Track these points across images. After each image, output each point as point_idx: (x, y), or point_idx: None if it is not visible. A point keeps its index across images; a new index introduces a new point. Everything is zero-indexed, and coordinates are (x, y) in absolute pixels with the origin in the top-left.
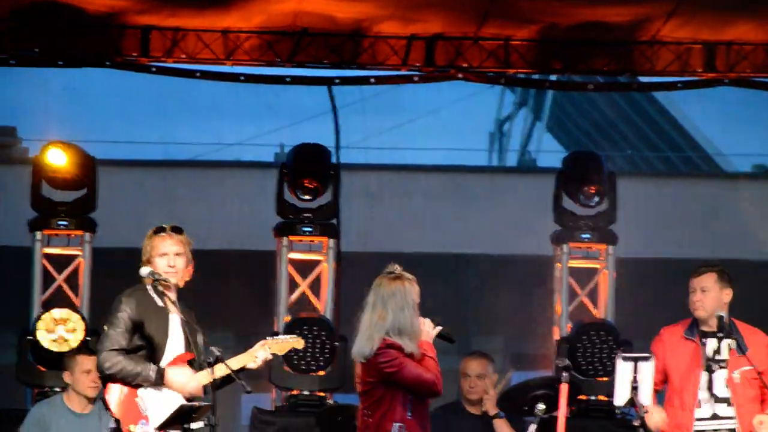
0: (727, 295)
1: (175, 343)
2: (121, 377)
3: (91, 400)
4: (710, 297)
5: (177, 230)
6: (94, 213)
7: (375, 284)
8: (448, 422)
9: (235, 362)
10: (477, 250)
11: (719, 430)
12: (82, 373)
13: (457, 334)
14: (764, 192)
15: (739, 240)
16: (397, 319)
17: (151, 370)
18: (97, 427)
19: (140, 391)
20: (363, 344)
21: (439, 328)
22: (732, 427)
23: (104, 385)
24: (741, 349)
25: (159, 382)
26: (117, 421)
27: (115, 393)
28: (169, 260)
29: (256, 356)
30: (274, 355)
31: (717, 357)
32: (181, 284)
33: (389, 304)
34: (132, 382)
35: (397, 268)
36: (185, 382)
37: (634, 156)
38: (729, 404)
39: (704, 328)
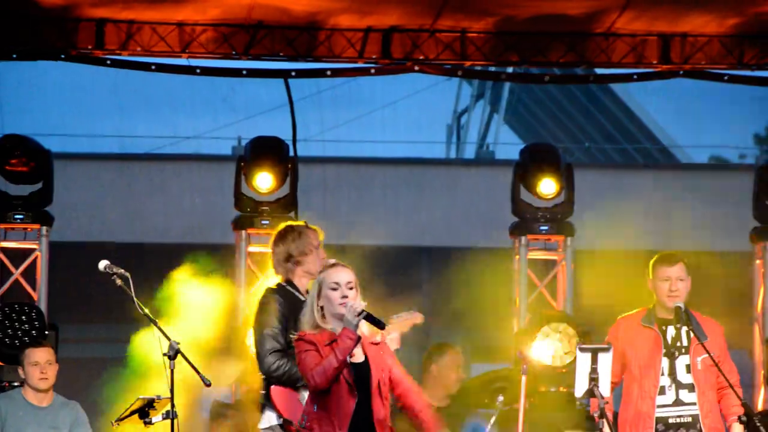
0: (690, 283)
1: None
2: (286, 379)
3: (49, 393)
4: (685, 286)
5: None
6: (51, 207)
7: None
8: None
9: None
10: (435, 242)
11: (682, 416)
12: (31, 366)
13: (416, 328)
14: (720, 183)
15: (696, 231)
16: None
17: None
18: (54, 420)
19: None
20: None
21: (364, 312)
22: (695, 412)
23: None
24: (700, 337)
25: None
26: (285, 419)
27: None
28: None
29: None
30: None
31: (678, 344)
32: None
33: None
34: (296, 384)
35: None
36: None
37: (591, 148)
38: (691, 390)
39: (662, 316)
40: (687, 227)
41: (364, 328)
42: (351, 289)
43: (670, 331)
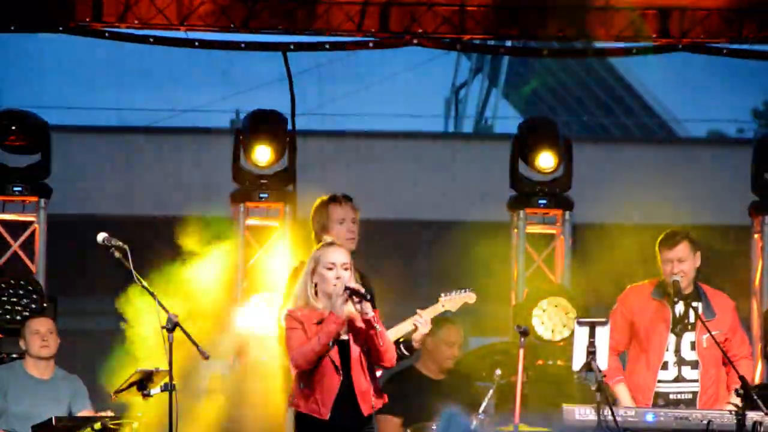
0: (698, 258)
1: None
2: None
3: (50, 365)
4: (687, 266)
5: (348, 198)
6: (49, 179)
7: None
8: (402, 393)
9: (395, 332)
10: (433, 216)
11: (682, 392)
12: (32, 335)
13: (413, 301)
14: (719, 157)
15: (695, 205)
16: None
17: None
18: (55, 392)
19: None
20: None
21: (348, 289)
22: (695, 389)
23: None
24: (709, 313)
25: None
26: None
27: None
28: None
29: (417, 322)
30: (447, 311)
31: (685, 321)
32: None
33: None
34: None
35: (327, 239)
36: None
37: (589, 122)
38: (694, 367)
39: (671, 290)
40: (685, 201)
41: (352, 308)
42: (346, 270)
43: (679, 307)
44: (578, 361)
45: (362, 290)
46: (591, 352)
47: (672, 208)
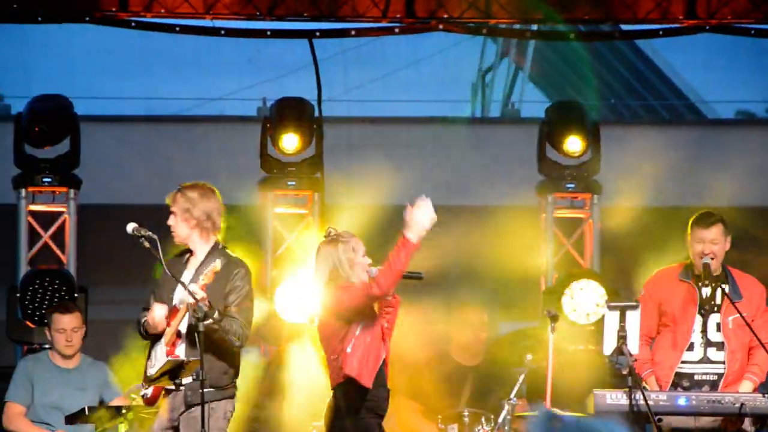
0: (728, 242)
1: None
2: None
3: (76, 356)
4: (719, 248)
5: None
6: (78, 169)
7: (316, 250)
8: (439, 373)
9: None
10: (461, 201)
11: (708, 373)
12: (57, 332)
13: (443, 286)
14: (748, 138)
15: (724, 187)
16: (336, 273)
17: None
18: (82, 381)
19: None
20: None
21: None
22: (720, 371)
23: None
24: (736, 296)
25: None
26: None
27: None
28: None
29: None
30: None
31: (712, 302)
32: None
33: (326, 263)
34: None
35: (332, 231)
36: None
37: (617, 105)
38: (720, 349)
39: (698, 273)
40: (714, 184)
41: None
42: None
43: (706, 289)
44: (609, 345)
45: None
46: (622, 336)
47: (701, 191)
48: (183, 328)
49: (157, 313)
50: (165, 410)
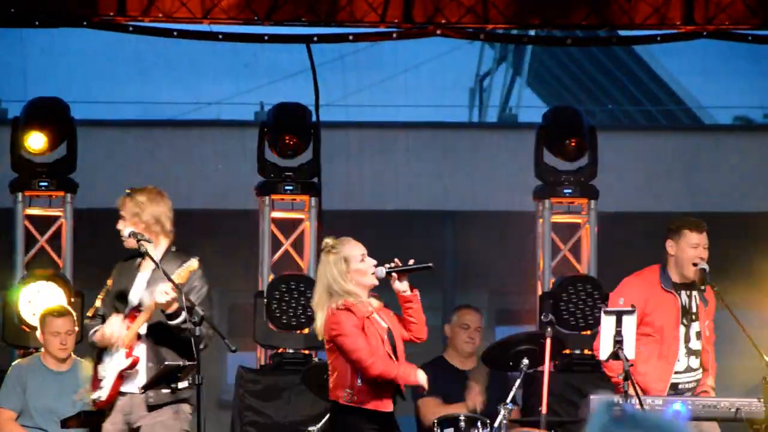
0: None
1: None
2: None
3: (68, 359)
4: (706, 254)
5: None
6: (75, 174)
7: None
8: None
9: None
10: (458, 206)
11: (689, 381)
12: (50, 335)
13: (440, 291)
14: (745, 144)
15: (720, 193)
16: (332, 288)
17: None
18: (74, 383)
19: None
20: (317, 318)
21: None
22: (698, 377)
23: None
24: (705, 301)
25: None
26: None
27: None
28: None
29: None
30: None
31: (690, 311)
32: None
33: (323, 279)
34: None
35: (327, 242)
36: None
37: (614, 110)
38: (697, 356)
39: (676, 280)
40: (710, 189)
41: (400, 286)
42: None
43: (683, 297)
44: (605, 350)
45: (400, 264)
46: (618, 341)
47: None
48: (143, 330)
49: (116, 328)
50: (118, 413)
